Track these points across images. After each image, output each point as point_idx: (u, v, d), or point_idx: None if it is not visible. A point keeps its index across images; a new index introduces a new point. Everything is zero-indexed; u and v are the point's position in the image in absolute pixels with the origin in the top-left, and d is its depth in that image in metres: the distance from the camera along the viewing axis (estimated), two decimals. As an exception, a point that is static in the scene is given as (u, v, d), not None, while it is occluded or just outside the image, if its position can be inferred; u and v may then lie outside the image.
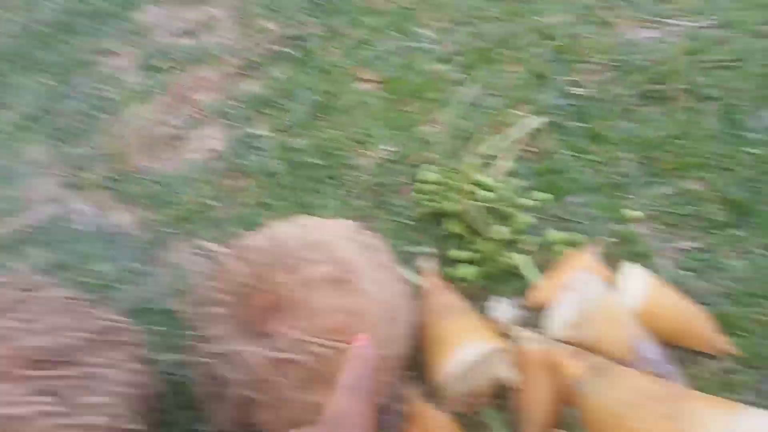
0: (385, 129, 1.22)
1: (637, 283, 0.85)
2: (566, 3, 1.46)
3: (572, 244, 0.98)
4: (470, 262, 0.97)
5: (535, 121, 1.12)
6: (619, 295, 0.86)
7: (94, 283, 1.03)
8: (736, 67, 1.24)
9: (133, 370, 0.69)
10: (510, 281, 0.95)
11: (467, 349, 0.81)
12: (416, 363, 0.88)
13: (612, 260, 0.96)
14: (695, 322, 0.85)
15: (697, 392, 0.76)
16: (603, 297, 0.82)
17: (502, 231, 0.95)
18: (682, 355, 0.84)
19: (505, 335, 0.86)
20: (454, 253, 0.97)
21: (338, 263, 0.72)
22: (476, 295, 0.95)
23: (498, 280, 0.96)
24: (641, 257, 0.96)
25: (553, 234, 0.98)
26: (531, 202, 0.99)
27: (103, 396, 0.64)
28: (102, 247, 1.09)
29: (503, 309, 0.92)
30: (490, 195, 0.98)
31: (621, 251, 0.97)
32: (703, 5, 1.41)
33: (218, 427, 0.74)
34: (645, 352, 0.80)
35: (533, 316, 0.91)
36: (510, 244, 0.97)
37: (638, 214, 1.01)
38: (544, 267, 0.96)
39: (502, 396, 0.83)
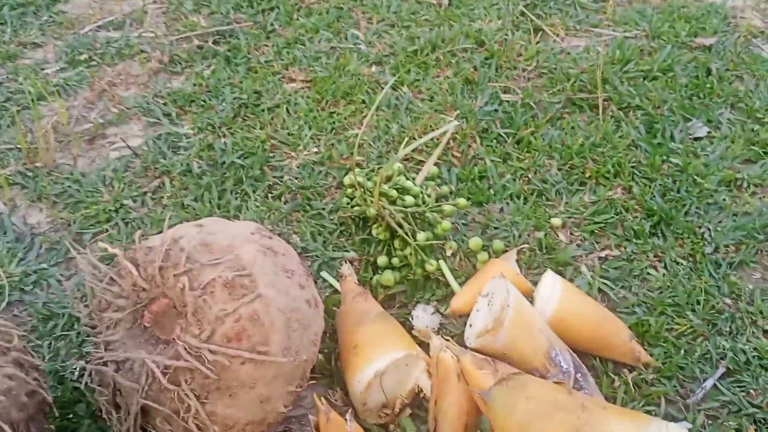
0: (312, 130, 1.19)
1: (552, 291, 0.85)
2: (500, 9, 1.46)
3: (493, 251, 0.97)
4: (391, 267, 0.95)
5: (454, 124, 1.11)
6: (534, 302, 0.85)
7: None
8: (661, 77, 1.26)
9: (12, 375, 0.64)
10: (430, 288, 0.94)
11: (383, 357, 0.79)
12: (331, 370, 0.85)
13: (532, 268, 0.96)
14: (612, 331, 0.85)
15: (607, 403, 0.75)
16: (518, 305, 0.81)
17: (422, 237, 0.93)
18: (599, 364, 0.84)
19: (424, 343, 0.84)
20: (378, 259, 0.95)
21: (236, 267, 0.69)
22: (396, 301, 0.94)
23: (418, 287, 0.94)
24: (562, 265, 0.96)
25: (474, 240, 0.96)
26: (453, 208, 0.97)
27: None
28: (10, 248, 1.03)
29: (422, 316, 0.91)
30: (412, 200, 0.96)
31: (542, 258, 0.97)
32: (632, 15, 1.43)
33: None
34: (558, 362, 0.79)
35: (453, 323, 0.90)
36: (431, 250, 0.95)
37: (559, 221, 1.01)
38: (464, 273, 0.95)
39: (418, 405, 0.81)
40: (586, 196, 1.05)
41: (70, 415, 0.80)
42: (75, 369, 0.82)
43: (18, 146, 1.19)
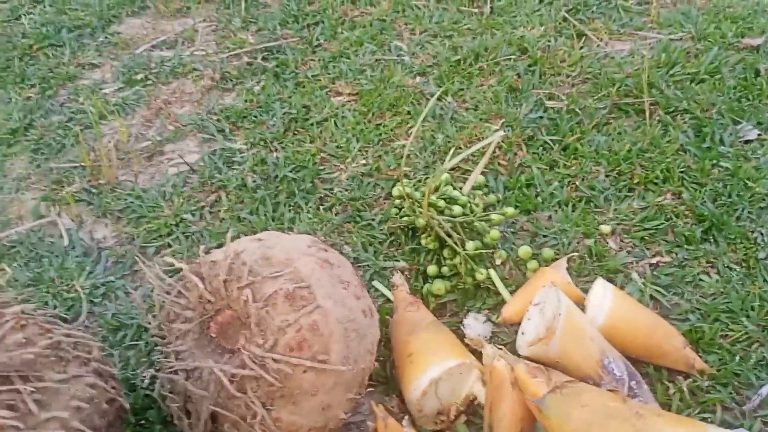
0: (360, 143, 1.22)
1: (603, 299, 0.85)
2: (542, 16, 1.47)
3: (543, 260, 0.98)
4: (441, 276, 0.97)
5: (499, 134, 1.12)
6: (586, 310, 0.86)
7: (70, 298, 1.03)
8: (709, 80, 1.25)
9: (94, 385, 0.68)
10: (481, 296, 0.96)
11: (438, 366, 0.81)
12: (387, 377, 0.88)
13: (583, 275, 0.97)
14: (665, 338, 0.85)
15: (662, 411, 0.76)
16: (569, 313, 0.82)
17: (471, 246, 0.95)
18: (654, 372, 0.84)
19: (475, 351, 0.86)
20: (428, 268, 0.98)
21: (295, 279, 0.72)
22: (447, 309, 0.96)
23: (469, 295, 0.96)
24: (613, 272, 0.96)
25: (524, 249, 0.98)
26: (501, 217, 0.99)
27: (61, 410, 0.64)
28: (79, 262, 1.09)
29: (474, 325, 0.93)
30: (460, 210, 0.98)
31: (592, 266, 0.98)
32: (676, 17, 1.42)
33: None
34: (611, 369, 0.80)
35: (504, 332, 0.91)
36: (480, 259, 0.97)
37: (608, 228, 1.01)
38: (515, 282, 0.97)
39: (473, 412, 0.83)
40: (635, 203, 1.05)
41: (143, 421, 0.84)
42: (145, 377, 0.87)
43: (82, 164, 1.26)
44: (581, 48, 1.37)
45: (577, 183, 1.09)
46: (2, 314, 0.69)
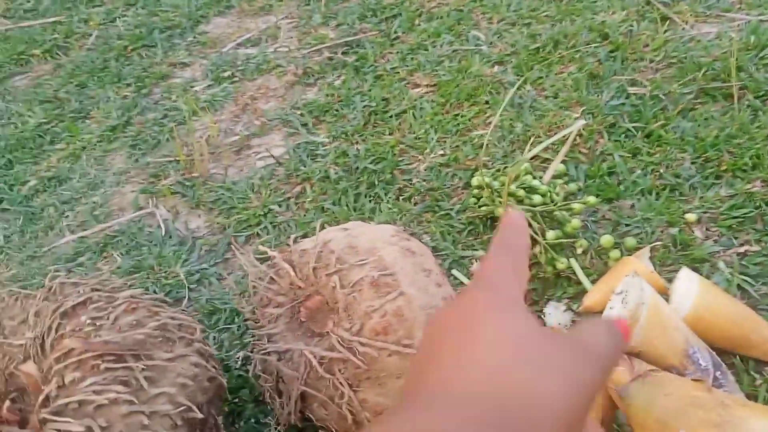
0: (438, 133, 1.24)
1: (688, 288, 0.84)
2: (623, 0, 1.44)
3: (625, 249, 0.97)
4: (521, 265, 0.98)
5: (581, 123, 1.11)
6: (670, 300, 0.85)
7: (168, 284, 1.11)
8: (803, 61, 1.19)
9: (197, 364, 0.74)
10: (561, 285, 0.96)
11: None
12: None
13: (666, 265, 0.95)
14: (753, 329, 0.83)
15: (748, 401, 0.74)
16: (653, 302, 0.82)
17: (552, 235, 0.96)
18: (740, 363, 0.82)
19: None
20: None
21: (380, 267, 0.76)
22: (527, 298, 0.97)
23: (549, 284, 0.96)
24: (698, 261, 0.95)
25: (606, 238, 0.97)
26: (582, 206, 0.99)
27: (168, 386, 0.70)
28: (176, 250, 1.17)
29: (554, 313, 0.93)
30: (540, 199, 0.99)
31: (677, 255, 0.96)
32: (768, -3, 1.36)
33: (280, 420, 0.79)
34: (696, 359, 0.79)
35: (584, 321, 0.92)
36: (561, 248, 0.97)
37: (694, 216, 0.99)
38: (596, 271, 0.96)
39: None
40: (722, 190, 1.03)
41: (236, 399, 0.90)
42: (238, 358, 0.93)
43: (177, 159, 1.34)
44: (665, 32, 1.34)
45: (662, 171, 1.07)
46: (115, 298, 0.76)
